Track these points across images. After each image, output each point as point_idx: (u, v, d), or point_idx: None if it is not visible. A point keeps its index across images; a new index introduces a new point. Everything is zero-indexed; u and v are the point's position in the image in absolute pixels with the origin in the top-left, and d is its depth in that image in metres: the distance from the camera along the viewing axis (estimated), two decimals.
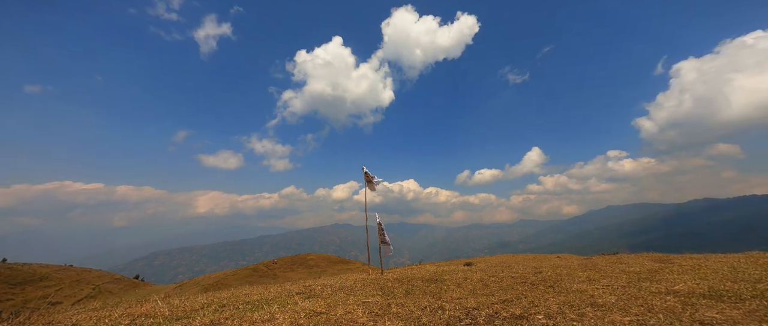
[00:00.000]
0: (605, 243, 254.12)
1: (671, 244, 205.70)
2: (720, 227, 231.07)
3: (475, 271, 8.92)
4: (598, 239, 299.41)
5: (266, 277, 31.64)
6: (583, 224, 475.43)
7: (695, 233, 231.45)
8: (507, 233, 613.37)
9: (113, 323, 6.25)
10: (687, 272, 5.93)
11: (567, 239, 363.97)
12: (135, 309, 6.24)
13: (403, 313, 6.07)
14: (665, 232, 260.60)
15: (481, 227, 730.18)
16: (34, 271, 33.99)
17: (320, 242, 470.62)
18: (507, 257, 17.16)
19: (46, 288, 31.53)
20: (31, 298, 28.43)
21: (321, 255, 42.07)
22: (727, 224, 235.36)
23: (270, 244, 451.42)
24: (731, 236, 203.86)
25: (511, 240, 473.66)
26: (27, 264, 37.10)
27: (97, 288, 34.95)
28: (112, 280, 39.20)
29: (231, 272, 35.63)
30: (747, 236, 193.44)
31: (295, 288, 8.05)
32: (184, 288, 30.26)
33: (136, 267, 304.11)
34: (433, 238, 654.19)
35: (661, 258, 6.29)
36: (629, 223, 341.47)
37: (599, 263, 7.05)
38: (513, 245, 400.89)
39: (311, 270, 34.48)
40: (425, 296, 6.13)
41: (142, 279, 47.39)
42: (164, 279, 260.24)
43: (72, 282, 34.76)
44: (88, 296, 32.49)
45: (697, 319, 2.60)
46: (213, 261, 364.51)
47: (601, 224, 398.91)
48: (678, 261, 5.89)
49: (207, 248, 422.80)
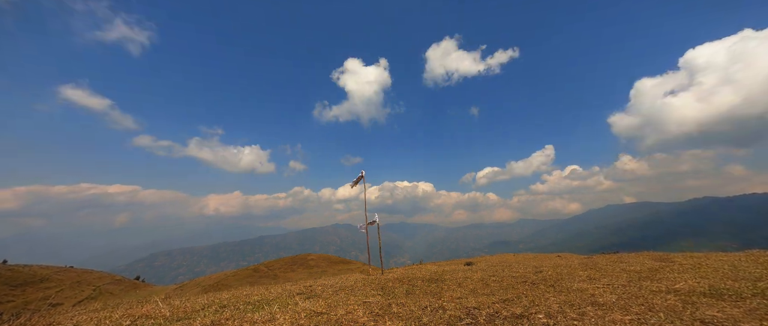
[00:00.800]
0: (606, 242, 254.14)
1: (672, 243, 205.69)
2: (721, 226, 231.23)
3: (476, 271, 8.92)
4: (599, 238, 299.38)
5: (267, 277, 31.65)
6: (584, 224, 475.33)
7: (696, 232, 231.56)
8: (507, 233, 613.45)
9: (114, 324, 6.26)
10: (687, 270, 5.92)
11: (567, 238, 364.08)
12: (136, 310, 6.24)
13: (404, 313, 6.08)
14: (666, 231, 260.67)
15: (481, 227, 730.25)
16: (34, 273, 34.02)
17: (321, 242, 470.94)
18: (507, 256, 17.16)
19: (47, 290, 31.56)
20: (32, 300, 28.47)
21: (321, 255, 42.09)
22: (727, 222, 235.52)
23: (270, 244, 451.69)
24: (732, 234, 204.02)
25: (511, 240, 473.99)
26: (28, 265, 37.16)
27: (98, 289, 34.98)
28: (112, 281, 39.23)
29: (231, 272, 35.65)
30: (748, 235, 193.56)
31: (295, 289, 8.05)
32: (184, 289, 30.29)
33: (137, 268, 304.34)
34: (433, 238, 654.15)
35: (661, 257, 6.30)
36: (630, 222, 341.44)
37: (600, 262, 7.06)
38: (513, 244, 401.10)
39: (312, 270, 34.50)
40: (426, 296, 6.13)
41: (142, 280, 47.44)
42: (165, 279, 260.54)
43: (73, 284, 34.79)
44: (89, 297, 32.52)
45: (698, 318, 2.61)
46: (213, 262, 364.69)
47: (602, 224, 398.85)
48: (678, 259, 5.89)
49: (207, 248, 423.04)
